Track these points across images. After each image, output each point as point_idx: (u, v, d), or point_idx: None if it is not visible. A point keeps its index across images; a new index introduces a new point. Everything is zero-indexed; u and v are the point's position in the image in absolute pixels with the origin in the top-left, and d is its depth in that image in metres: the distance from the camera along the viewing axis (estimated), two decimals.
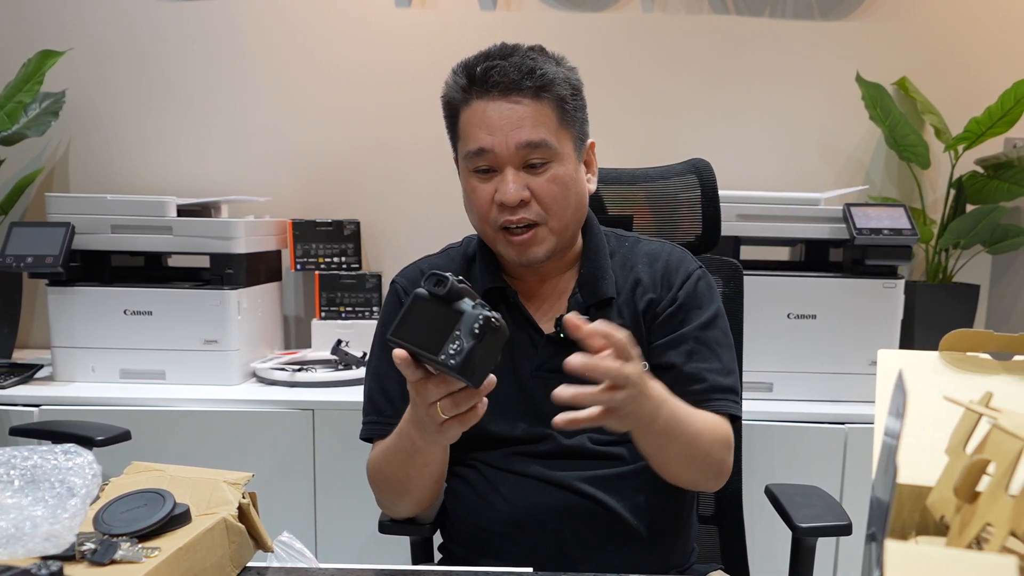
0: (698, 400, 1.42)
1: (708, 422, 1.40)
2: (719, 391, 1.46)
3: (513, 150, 1.39)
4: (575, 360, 1.11)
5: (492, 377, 1.12)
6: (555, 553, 1.42)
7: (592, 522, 1.44)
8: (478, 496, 1.50)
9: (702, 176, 1.86)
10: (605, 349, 1.14)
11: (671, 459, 1.38)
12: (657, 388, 1.25)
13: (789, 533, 1.59)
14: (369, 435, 1.53)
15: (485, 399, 1.18)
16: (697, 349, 1.47)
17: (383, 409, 1.50)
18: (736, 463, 1.81)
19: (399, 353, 1.11)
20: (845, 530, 1.55)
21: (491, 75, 1.39)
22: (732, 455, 1.47)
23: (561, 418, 1.15)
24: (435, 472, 1.43)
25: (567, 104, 1.43)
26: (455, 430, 1.20)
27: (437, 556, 1.65)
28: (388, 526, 1.59)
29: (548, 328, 1.49)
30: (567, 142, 1.44)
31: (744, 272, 1.88)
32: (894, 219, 2.36)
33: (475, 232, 1.57)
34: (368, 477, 1.51)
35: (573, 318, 1.13)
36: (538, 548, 1.43)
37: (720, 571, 1.60)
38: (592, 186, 1.53)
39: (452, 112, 1.47)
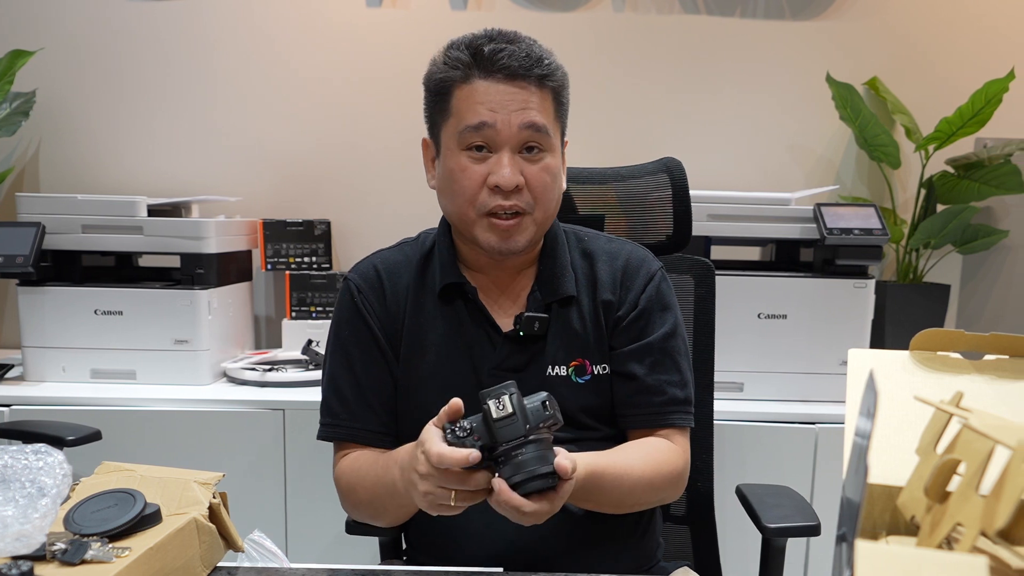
0: (656, 412, 1.47)
1: (659, 475, 1.42)
2: (676, 404, 1.49)
3: (515, 130, 1.37)
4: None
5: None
6: (520, 553, 1.41)
7: (555, 523, 1.42)
8: None
9: (673, 175, 1.86)
10: None
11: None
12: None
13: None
14: (325, 437, 1.52)
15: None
16: (660, 361, 1.49)
17: (337, 412, 1.50)
18: (707, 463, 1.82)
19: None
20: (813, 531, 1.56)
21: (499, 57, 1.36)
22: (688, 468, 1.50)
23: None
24: (412, 511, 1.41)
25: (562, 97, 1.43)
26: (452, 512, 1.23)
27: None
28: (355, 527, 1.58)
29: (507, 326, 1.48)
30: (557, 135, 1.44)
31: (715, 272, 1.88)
32: (864, 219, 2.37)
33: (433, 226, 1.56)
34: (337, 488, 1.49)
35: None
36: (503, 549, 1.42)
37: (687, 567, 1.59)
38: (563, 184, 1.52)
39: (443, 89, 1.41)
